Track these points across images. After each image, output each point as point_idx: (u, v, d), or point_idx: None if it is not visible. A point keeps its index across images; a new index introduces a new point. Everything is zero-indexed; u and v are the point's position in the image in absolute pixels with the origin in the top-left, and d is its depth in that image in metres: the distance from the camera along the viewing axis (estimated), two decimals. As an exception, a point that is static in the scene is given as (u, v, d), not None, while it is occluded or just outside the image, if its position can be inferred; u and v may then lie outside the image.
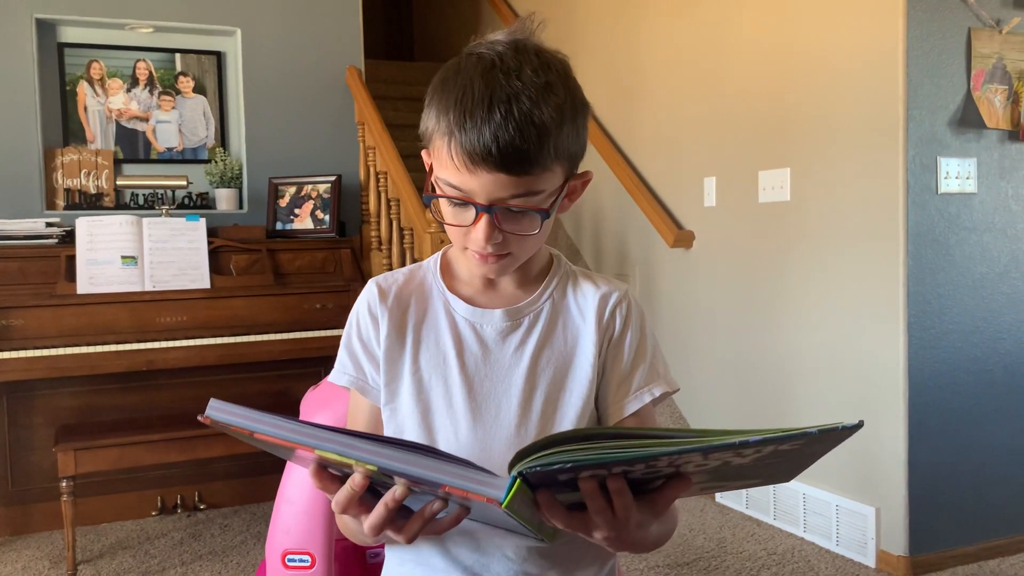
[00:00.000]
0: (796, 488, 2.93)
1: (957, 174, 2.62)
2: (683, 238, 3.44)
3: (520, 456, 0.70)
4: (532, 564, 0.93)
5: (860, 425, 0.67)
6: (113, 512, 3.21)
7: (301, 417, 1.46)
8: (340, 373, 1.02)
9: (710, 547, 2.83)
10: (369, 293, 1.02)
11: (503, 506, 0.69)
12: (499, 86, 0.84)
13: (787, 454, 0.71)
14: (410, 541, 0.81)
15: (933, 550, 2.63)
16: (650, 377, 0.99)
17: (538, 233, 0.90)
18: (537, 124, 0.84)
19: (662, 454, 0.67)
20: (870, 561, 2.67)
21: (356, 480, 0.77)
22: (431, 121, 0.89)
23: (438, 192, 0.91)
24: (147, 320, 3.09)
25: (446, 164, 0.87)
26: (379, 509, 0.78)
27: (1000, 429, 2.74)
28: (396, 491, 0.76)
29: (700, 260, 3.44)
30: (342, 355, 1.02)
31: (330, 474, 0.79)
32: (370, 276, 3.61)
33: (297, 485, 1.41)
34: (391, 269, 3.45)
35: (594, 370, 0.97)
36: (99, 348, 2.94)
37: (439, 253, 1.05)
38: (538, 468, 0.68)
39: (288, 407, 2.89)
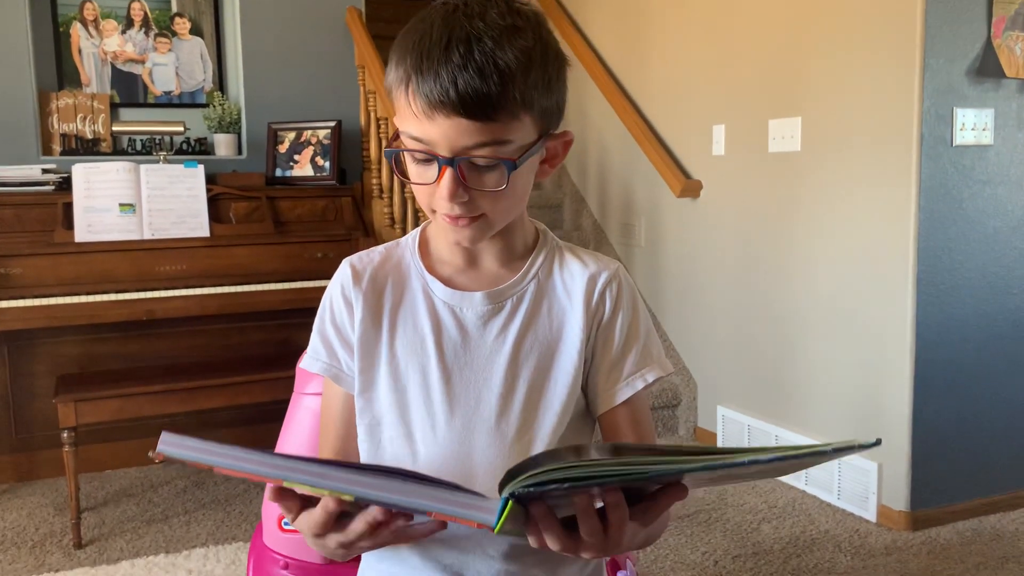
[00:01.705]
0: (798, 441, 2.93)
1: (973, 125, 2.54)
2: (690, 187, 3.38)
3: (511, 475, 0.66)
4: (514, 562, 0.89)
5: (878, 443, 0.64)
6: (116, 459, 3.23)
7: (297, 382, 1.44)
8: (312, 360, 0.96)
9: (710, 499, 2.84)
10: (342, 275, 0.96)
11: (495, 531, 0.66)
12: (459, 27, 0.79)
13: (793, 464, 0.67)
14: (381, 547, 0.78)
15: (934, 505, 2.63)
16: (643, 361, 0.94)
17: (506, 188, 0.83)
18: (500, 66, 0.78)
19: (667, 473, 0.63)
20: (871, 515, 2.67)
21: (330, 504, 0.72)
22: (391, 72, 0.84)
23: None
24: (146, 269, 3.05)
25: (405, 113, 0.82)
26: (357, 526, 0.74)
27: (1006, 385, 2.71)
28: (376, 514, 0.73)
29: (707, 210, 3.38)
30: (315, 341, 0.97)
31: (292, 493, 0.74)
32: (371, 225, 3.59)
33: (293, 449, 1.39)
34: (392, 218, 3.40)
35: (580, 356, 0.92)
36: (98, 297, 2.91)
37: (417, 230, 0.99)
38: (532, 488, 0.64)
39: (288, 357, 2.85)
